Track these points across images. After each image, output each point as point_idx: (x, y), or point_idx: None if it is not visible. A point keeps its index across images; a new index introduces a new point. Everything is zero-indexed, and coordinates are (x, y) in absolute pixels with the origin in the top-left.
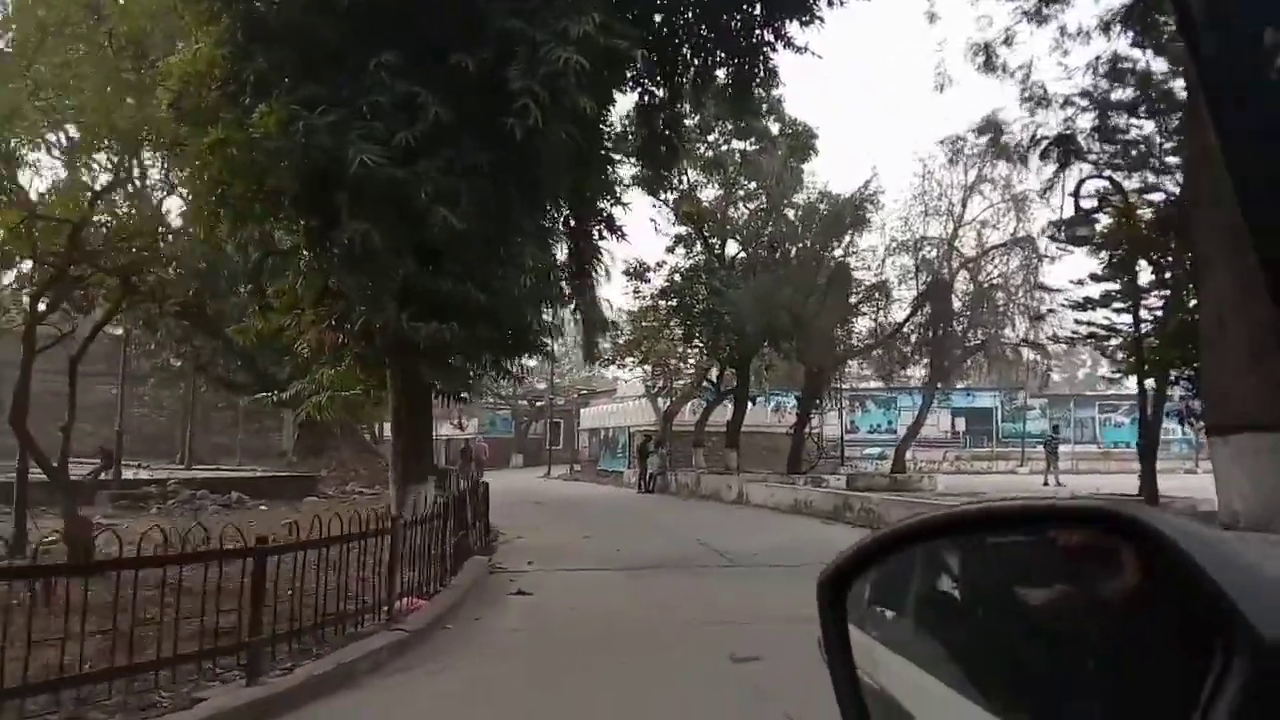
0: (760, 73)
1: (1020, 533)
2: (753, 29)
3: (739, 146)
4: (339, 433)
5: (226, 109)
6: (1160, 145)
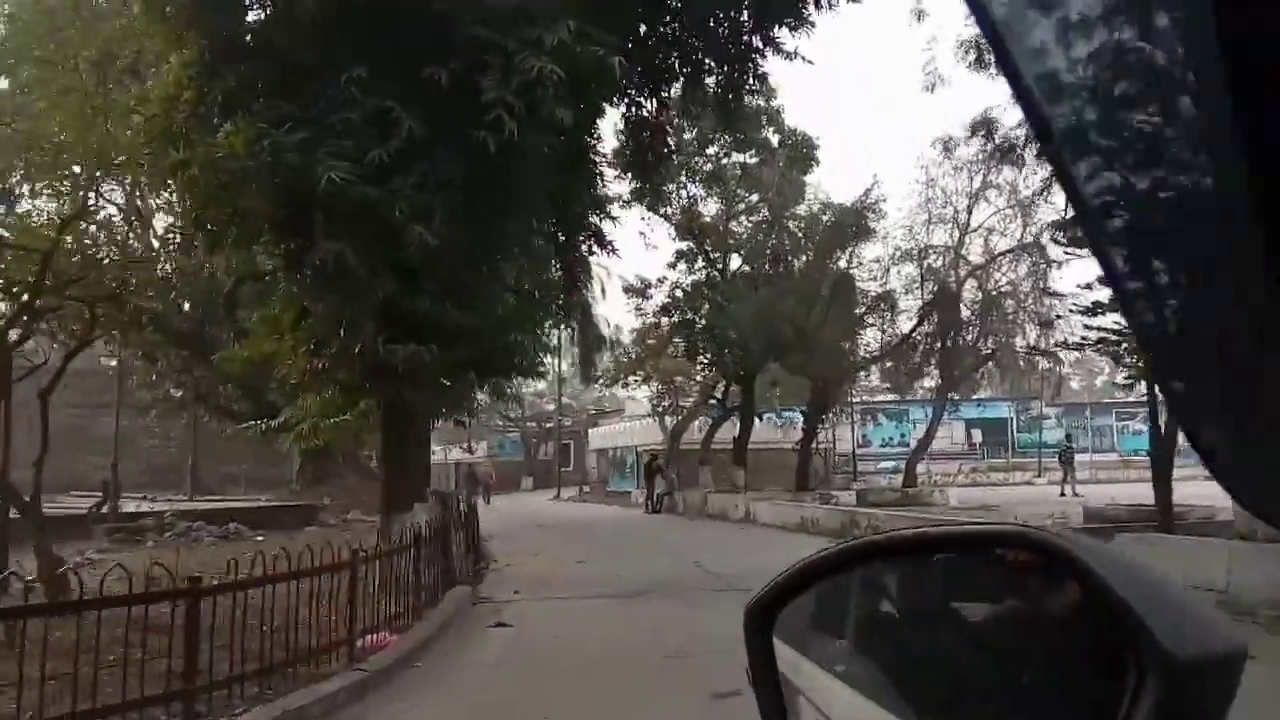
0: (750, 80)
1: (952, 554)
2: (741, 36)
3: (739, 159)
4: (342, 460)
5: (196, 130)
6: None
